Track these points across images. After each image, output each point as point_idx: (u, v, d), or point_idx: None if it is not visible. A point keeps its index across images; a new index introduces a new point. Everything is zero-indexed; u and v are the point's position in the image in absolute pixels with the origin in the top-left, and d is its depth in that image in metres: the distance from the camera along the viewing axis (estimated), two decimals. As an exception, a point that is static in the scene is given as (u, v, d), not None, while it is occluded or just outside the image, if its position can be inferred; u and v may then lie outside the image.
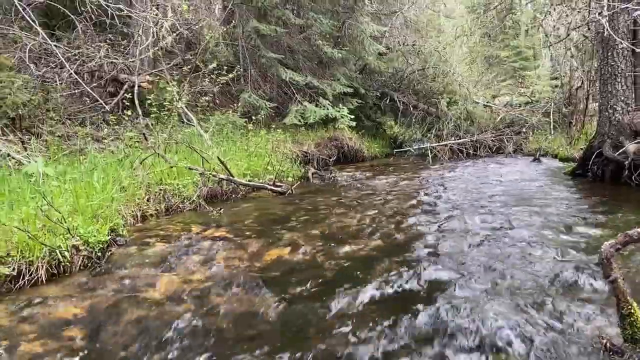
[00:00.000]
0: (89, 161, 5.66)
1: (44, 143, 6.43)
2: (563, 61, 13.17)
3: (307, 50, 11.71)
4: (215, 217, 5.35)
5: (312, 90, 11.13)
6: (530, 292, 3.02)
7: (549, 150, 11.30)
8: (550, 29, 11.23)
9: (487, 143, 12.31)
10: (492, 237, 4.28)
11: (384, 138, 13.98)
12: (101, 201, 4.43)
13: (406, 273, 3.42)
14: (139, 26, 7.97)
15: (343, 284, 3.28)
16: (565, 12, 9.90)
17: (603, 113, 7.20)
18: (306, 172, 8.61)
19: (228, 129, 8.60)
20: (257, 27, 9.94)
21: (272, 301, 3.08)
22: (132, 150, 6.34)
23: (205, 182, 6.17)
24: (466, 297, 2.99)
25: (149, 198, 5.43)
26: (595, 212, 5.16)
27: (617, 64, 6.83)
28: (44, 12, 9.31)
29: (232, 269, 3.67)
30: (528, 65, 24.29)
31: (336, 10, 11.98)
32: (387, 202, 6.21)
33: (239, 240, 4.38)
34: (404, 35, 14.30)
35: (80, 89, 7.68)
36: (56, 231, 3.62)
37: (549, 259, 3.59)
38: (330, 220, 5.21)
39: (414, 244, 4.22)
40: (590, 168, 7.36)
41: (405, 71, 14.47)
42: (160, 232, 4.68)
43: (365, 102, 13.19)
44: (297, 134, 10.36)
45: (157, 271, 3.61)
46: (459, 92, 14.03)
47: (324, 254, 3.99)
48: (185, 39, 10.74)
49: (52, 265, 3.47)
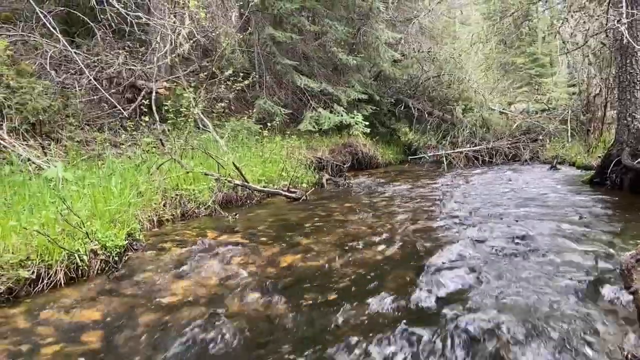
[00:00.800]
0: (107, 166, 5.74)
1: (63, 148, 6.53)
2: (581, 68, 13.02)
3: (322, 57, 11.76)
4: (230, 222, 5.38)
5: (326, 96, 11.16)
6: (548, 303, 2.98)
7: (566, 158, 11.16)
8: (568, 36, 11.11)
9: (503, 150, 12.21)
10: (510, 246, 4.23)
11: (398, 145, 13.95)
12: (119, 206, 4.49)
13: (422, 283, 3.40)
14: (157, 33, 8.07)
15: (358, 292, 3.28)
16: (583, 19, 9.80)
17: (621, 121, 7.11)
18: (320, 178, 8.62)
19: (243, 135, 8.66)
20: (272, 34, 10.02)
21: (287, 307, 3.08)
22: (149, 155, 6.41)
23: (220, 187, 6.21)
24: (483, 308, 2.96)
25: (165, 203, 5.48)
26: (615, 221, 5.08)
27: (636, 72, 6.75)
28: (64, 19, 9.50)
29: (247, 274, 3.68)
30: (544, 72, 24.11)
31: (351, 17, 12.02)
32: (402, 209, 6.19)
33: (254, 246, 4.40)
34: (419, 42, 14.28)
35: (99, 95, 7.81)
36: (75, 235, 3.67)
37: (568, 268, 3.55)
38: (344, 226, 5.20)
39: (429, 253, 4.19)
40: (609, 176, 7.25)
41: (421, 78, 14.44)
42: (176, 237, 4.72)
43: (380, 109, 13.18)
44: (311, 140, 10.39)
45: (173, 276, 3.64)
46: (474, 99, 13.96)
47: (339, 260, 3.98)
48: (202, 46, 10.86)
49: (70, 269, 3.52)
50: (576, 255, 3.82)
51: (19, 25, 8.48)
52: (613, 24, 6.13)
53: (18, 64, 7.17)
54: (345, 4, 11.84)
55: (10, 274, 3.20)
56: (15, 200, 4.19)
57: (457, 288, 3.30)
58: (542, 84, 21.44)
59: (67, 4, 9.64)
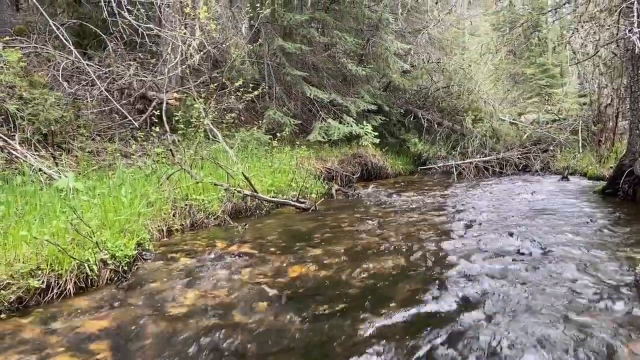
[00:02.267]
0: (117, 176, 5.77)
1: (74, 158, 6.58)
2: (591, 78, 12.94)
3: (332, 68, 11.80)
4: (239, 232, 5.38)
5: (336, 107, 11.18)
6: (562, 314, 2.93)
7: (578, 168, 11.06)
8: (578, 46, 11.06)
9: (513, 161, 12.12)
10: (522, 257, 4.18)
11: (407, 155, 13.91)
12: (129, 216, 4.50)
13: (431, 294, 3.37)
14: (167, 45, 8.16)
15: (367, 303, 3.24)
16: (593, 29, 9.75)
17: (634, 131, 7.04)
18: (330, 188, 8.61)
19: (253, 145, 8.68)
20: (282, 45, 10.08)
21: (296, 318, 3.06)
22: (159, 165, 6.44)
23: (230, 197, 6.22)
24: (496, 320, 2.91)
25: (174, 213, 5.49)
26: (628, 232, 5.01)
27: (649, 82, 6.69)
28: (76, 32, 9.64)
29: (256, 285, 3.66)
30: (555, 82, 23.98)
31: (360, 29, 12.07)
32: (412, 220, 6.15)
33: (263, 256, 4.39)
34: (428, 52, 14.28)
35: (110, 106, 7.88)
36: (85, 245, 3.68)
37: (583, 280, 3.49)
38: (353, 237, 5.17)
39: (439, 264, 4.15)
40: (621, 187, 7.17)
41: (430, 88, 14.42)
42: (186, 247, 4.72)
43: (389, 119, 13.17)
44: (321, 150, 10.40)
45: (182, 286, 3.63)
46: (484, 110, 13.91)
47: (348, 271, 3.95)
48: (212, 57, 10.95)
49: (80, 278, 3.53)
50: (590, 267, 3.76)
51: (32, 38, 8.61)
52: (624, 33, 6.09)
53: (31, 76, 7.27)
54: (354, 16, 11.89)
55: (20, 283, 3.21)
56: (26, 210, 4.21)
57: (468, 298, 3.26)
58: (553, 94, 21.31)
59: (80, 16, 9.79)
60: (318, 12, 11.17)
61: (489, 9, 26.47)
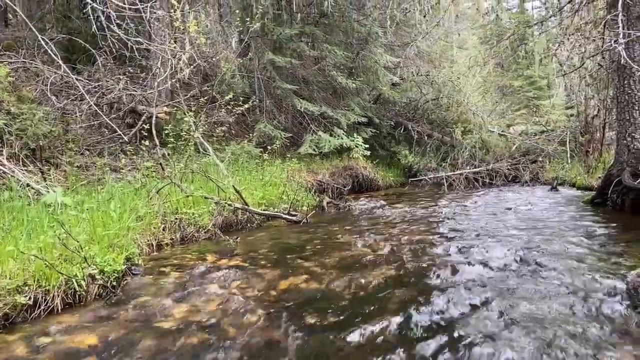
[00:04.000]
0: (106, 191, 5.72)
1: (62, 173, 6.53)
2: (578, 90, 13.11)
3: (322, 81, 11.86)
4: (230, 246, 5.34)
5: (326, 119, 11.23)
6: (554, 324, 2.93)
7: (566, 179, 11.16)
8: (564, 59, 11.23)
9: (503, 172, 12.20)
10: (512, 267, 4.19)
11: (398, 167, 13.96)
12: (117, 230, 4.46)
13: (423, 305, 3.35)
14: (157, 59, 8.16)
15: (360, 315, 3.22)
16: (579, 41, 9.92)
17: (621, 141, 7.12)
18: (321, 201, 8.60)
19: (243, 158, 8.67)
20: (272, 59, 10.13)
21: (288, 331, 3.02)
22: (149, 179, 6.40)
23: (220, 211, 6.19)
24: (487, 331, 2.90)
25: (164, 227, 5.45)
26: (618, 241, 5.04)
27: (635, 92, 6.78)
28: (65, 47, 9.63)
29: (248, 298, 3.63)
30: (542, 94, 24.29)
31: (350, 42, 12.18)
32: (403, 231, 6.15)
33: (254, 270, 4.36)
34: (417, 65, 14.42)
35: (99, 121, 7.85)
36: (73, 260, 3.63)
37: (573, 289, 3.50)
38: (345, 249, 5.15)
39: (431, 275, 4.14)
40: (610, 197, 7.23)
41: (419, 101, 14.54)
42: (176, 261, 4.68)
43: (380, 132, 13.24)
44: (311, 163, 10.41)
45: (172, 301, 3.59)
46: (473, 121, 14.03)
47: (340, 283, 3.93)
48: (202, 71, 10.97)
49: (67, 294, 3.47)
50: (581, 276, 3.77)
51: (21, 53, 8.58)
52: (610, 44, 6.18)
53: (19, 91, 7.23)
54: (344, 29, 12.01)
55: (7, 299, 3.15)
56: (13, 226, 4.16)
57: (460, 309, 3.25)
58: (540, 106, 21.57)
59: (69, 31, 9.78)
60: (308, 26, 11.27)
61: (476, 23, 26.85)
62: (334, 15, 11.62)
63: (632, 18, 6.60)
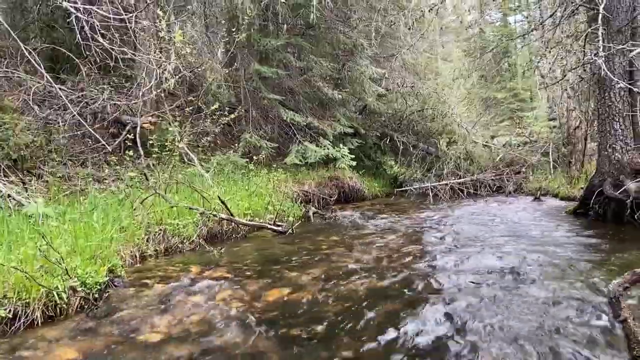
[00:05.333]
0: (89, 201, 5.64)
1: (44, 184, 6.43)
2: (560, 102, 13.34)
3: (308, 92, 11.90)
4: (215, 257, 5.29)
5: (312, 130, 11.25)
6: (537, 334, 2.94)
7: (550, 189, 11.29)
8: (546, 71, 11.43)
9: (487, 182, 12.31)
10: (496, 277, 4.21)
11: (384, 177, 14.01)
12: (100, 241, 4.39)
13: (408, 315, 3.35)
14: (142, 69, 8.11)
15: (345, 325, 3.21)
16: (561, 54, 10.10)
17: (602, 152, 7.23)
18: (307, 211, 8.58)
19: (229, 168, 8.63)
20: (258, 69, 10.14)
21: (272, 343, 3.00)
22: (133, 190, 6.33)
23: (205, 221, 6.14)
24: (471, 341, 2.91)
25: (148, 238, 5.38)
26: (600, 251, 5.11)
27: (615, 104, 6.91)
28: (49, 56, 9.52)
29: (232, 310, 3.59)
30: (525, 106, 24.64)
31: (336, 54, 12.25)
32: (389, 242, 6.15)
33: (239, 281, 4.32)
34: (402, 77, 14.54)
35: (83, 130, 7.75)
36: (54, 272, 3.56)
37: (556, 299, 3.52)
38: (331, 260, 5.14)
39: (416, 285, 4.15)
40: (592, 207, 7.32)
41: (405, 112, 14.65)
42: (159, 272, 4.62)
43: (366, 142, 13.30)
44: (297, 173, 10.40)
45: (155, 313, 3.53)
46: (458, 132, 14.16)
47: (325, 294, 3.91)
48: (187, 81, 10.93)
49: (48, 307, 3.40)
50: (563, 286, 3.80)
51: (4, 62, 8.47)
52: (590, 57, 6.31)
53: (1, 100, 7.13)
54: (330, 41, 12.08)
55: (-16, 313, 3.08)
56: (-7, 237, 4.08)
57: (445, 320, 3.25)
58: (523, 117, 21.87)
59: (53, 41, 9.68)
60: (294, 38, 11.31)
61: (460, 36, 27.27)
62: (320, 26, 11.69)
63: (612, 32, 6.74)
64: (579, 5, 8.18)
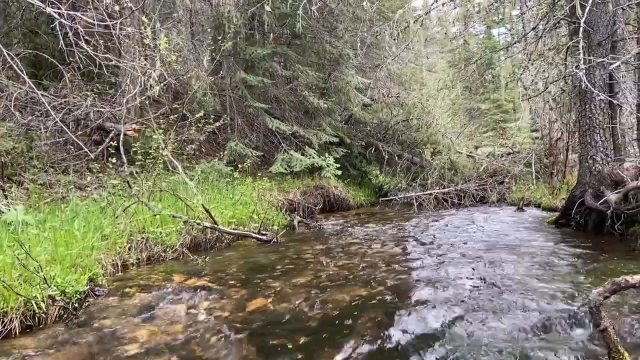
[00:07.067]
0: (70, 209, 5.56)
1: (25, 191, 6.32)
2: (542, 113, 13.55)
3: (294, 101, 11.93)
4: (198, 266, 5.24)
5: (298, 139, 11.26)
6: (518, 344, 2.96)
7: (532, 199, 11.42)
8: (529, 83, 11.61)
9: (471, 192, 12.42)
10: (479, 286, 4.23)
11: (369, 187, 14.06)
12: (81, 250, 4.32)
13: (392, 325, 3.35)
14: (127, 76, 8.06)
15: (329, 335, 3.19)
16: (543, 67, 10.27)
17: (583, 163, 7.34)
18: (292, 220, 8.56)
19: (214, 177, 8.58)
20: (244, 78, 10.14)
21: (256, 353, 2.97)
22: (116, 198, 6.26)
23: (189, 230, 6.09)
24: (454, 349, 2.91)
25: (130, 246, 5.32)
26: (580, 261, 5.16)
27: (595, 116, 7.03)
28: (32, 62, 9.41)
29: (215, 319, 3.55)
30: (508, 117, 24.98)
31: (322, 63, 12.32)
32: (373, 251, 6.16)
33: (223, 290, 4.28)
34: (388, 87, 14.66)
35: (65, 137, 7.65)
36: (32, 281, 3.49)
37: (537, 308, 3.55)
38: (315, 269, 5.13)
39: (400, 294, 4.15)
40: (573, 217, 7.42)
41: (390, 122, 14.75)
42: (141, 281, 4.55)
43: (351, 152, 13.35)
44: (283, 182, 10.38)
45: (137, 322, 3.48)
46: (442, 143, 14.28)
47: (309, 303, 3.89)
48: (173, 89, 10.88)
49: (26, 316, 3.33)
50: (544, 296, 3.83)
51: (-15, 68, 8.34)
52: (571, 70, 6.42)
53: (-18, 106, 7.01)
54: (316, 51, 12.15)
55: (-41, 322, 3.00)
56: (-30, 245, 3.99)
57: (429, 329, 3.25)
58: (507, 128, 22.17)
59: (36, 47, 9.57)
60: (280, 47, 11.35)
61: (445, 47, 27.60)
62: (306, 36, 11.76)
63: (593, 45, 6.88)
64: (560, 19, 8.35)
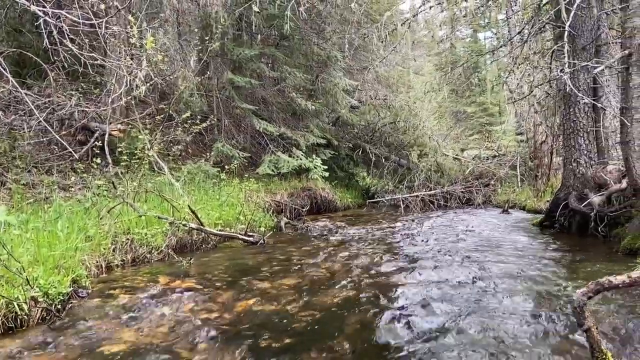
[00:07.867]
0: (53, 210, 5.48)
1: (7, 191, 6.22)
2: (527, 117, 13.71)
3: (281, 102, 11.92)
4: (184, 267, 5.19)
5: (285, 140, 11.25)
6: (502, 343, 2.98)
7: (517, 202, 11.54)
8: (514, 86, 11.74)
9: (457, 194, 12.51)
10: (464, 287, 4.25)
11: (356, 189, 14.09)
12: (64, 251, 4.26)
13: (379, 326, 3.35)
14: (112, 75, 7.98)
15: (316, 336, 3.19)
16: (528, 70, 10.39)
17: (567, 166, 7.43)
18: (279, 222, 8.54)
19: (200, 178, 8.53)
20: (231, 78, 10.10)
21: (242, 354, 2.95)
22: (100, 198, 6.18)
23: (174, 231, 6.04)
24: (441, 349, 2.92)
25: (115, 248, 5.26)
26: (564, 262, 5.22)
27: (579, 120, 7.13)
28: (16, 60, 9.27)
29: (200, 321, 3.52)
30: (494, 120, 25.19)
31: (310, 65, 12.32)
32: (360, 252, 6.16)
33: (209, 292, 4.25)
34: (375, 89, 14.72)
35: (49, 137, 7.55)
36: (15, 282, 3.44)
37: (521, 309, 3.58)
38: (302, 270, 5.11)
39: (386, 296, 4.15)
40: (558, 219, 7.51)
41: (377, 124, 14.81)
42: (126, 283, 4.50)
43: (338, 153, 13.37)
44: (270, 183, 10.36)
45: (120, 325, 3.44)
46: (429, 145, 14.38)
47: (296, 305, 3.88)
48: (159, 89, 10.79)
49: (8, 318, 3.27)
50: (527, 295, 3.87)
51: (-33, 65, 8.19)
52: (556, 74, 6.51)
53: (-37, 104, 6.89)
54: (304, 52, 12.15)
55: (-62, 325, 2.94)
56: (-50, 245, 3.91)
57: (415, 330, 3.26)
58: (492, 131, 22.36)
59: (20, 45, 9.44)
60: (268, 48, 11.34)
61: (432, 50, 27.75)
62: (294, 38, 11.75)
63: (577, 49, 6.98)
64: (545, 24, 8.46)
